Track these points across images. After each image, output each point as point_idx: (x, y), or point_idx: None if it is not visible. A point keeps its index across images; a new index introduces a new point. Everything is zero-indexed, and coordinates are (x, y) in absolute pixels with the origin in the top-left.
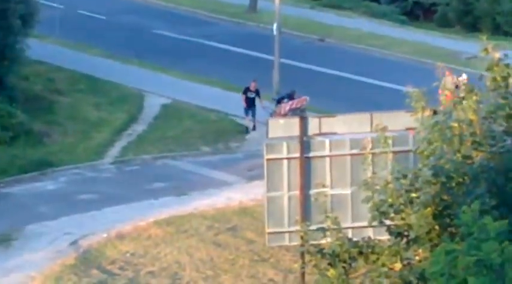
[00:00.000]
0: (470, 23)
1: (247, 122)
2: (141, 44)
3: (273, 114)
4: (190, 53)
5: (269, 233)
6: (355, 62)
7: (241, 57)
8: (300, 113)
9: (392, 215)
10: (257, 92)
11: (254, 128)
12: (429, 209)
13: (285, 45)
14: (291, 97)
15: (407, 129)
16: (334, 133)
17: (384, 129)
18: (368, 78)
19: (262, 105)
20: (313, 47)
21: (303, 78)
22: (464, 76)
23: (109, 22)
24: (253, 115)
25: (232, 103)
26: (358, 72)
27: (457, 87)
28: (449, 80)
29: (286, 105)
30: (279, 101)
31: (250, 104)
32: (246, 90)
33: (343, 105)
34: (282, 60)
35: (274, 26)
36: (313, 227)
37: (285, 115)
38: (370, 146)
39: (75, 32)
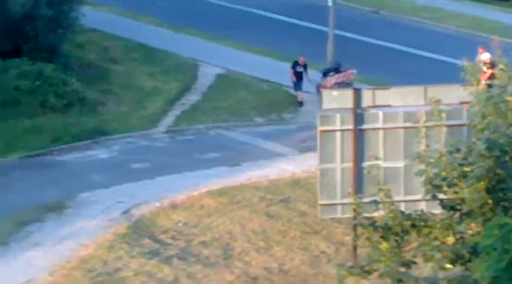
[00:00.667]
0: None
1: (299, 96)
2: (195, 13)
3: (318, 87)
4: (244, 23)
5: (321, 205)
6: (410, 34)
7: (296, 28)
8: (346, 87)
9: (445, 189)
10: (305, 66)
11: (302, 101)
12: (482, 183)
13: (340, 17)
14: (337, 70)
15: (462, 102)
16: (388, 106)
17: (438, 102)
18: (422, 51)
19: (308, 78)
20: (368, 19)
21: (357, 50)
22: (486, 55)
23: None
24: (300, 89)
25: (286, 74)
26: (413, 45)
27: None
28: (485, 56)
29: (333, 79)
30: (325, 74)
31: (298, 78)
32: (295, 64)
33: (397, 77)
34: (336, 31)
35: None
36: (366, 199)
37: (330, 88)
38: (423, 119)
39: (129, 0)
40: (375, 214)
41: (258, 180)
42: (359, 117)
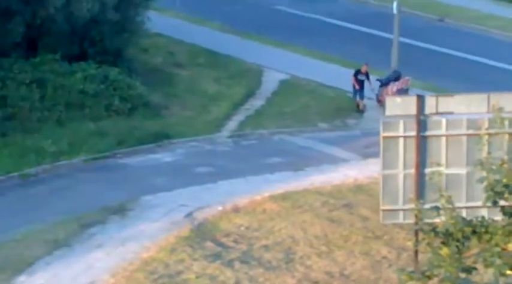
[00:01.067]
0: None
1: (361, 104)
2: (261, 19)
3: (377, 97)
4: (309, 30)
5: (383, 210)
6: (474, 43)
7: (360, 35)
8: (405, 93)
9: (506, 195)
10: (367, 75)
11: (363, 110)
12: None
13: (405, 24)
14: (397, 80)
15: None
16: (451, 113)
17: (501, 109)
18: (486, 59)
19: (371, 87)
20: (432, 27)
21: (421, 57)
22: None
23: None
24: (362, 98)
25: (350, 80)
26: (477, 53)
27: None
28: None
29: (393, 86)
30: (386, 83)
31: (360, 86)
32: (357, 73)
33: (461, 85)
34: (401, 39)
35: (395, 5)
36: (428, 206)
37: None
38: (485, 126)
39: (195, 5)
40: (436, 220)
41: (320, 184)
42: (422, 123)
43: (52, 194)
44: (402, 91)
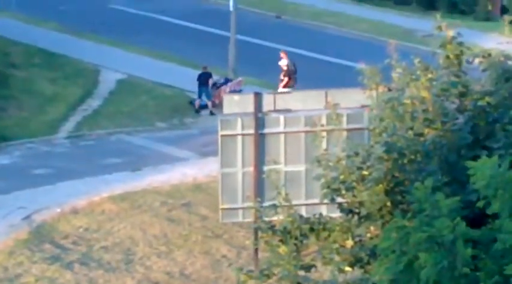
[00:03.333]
0: (427, 1)
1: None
2: (97, 19)
3: (212, 98)
4: (146, 28)
5: (223, 209)
6: (311, 39)
7: (198, 33)
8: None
9: (343, 192)
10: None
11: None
12: (381, 186)
13: (241, 22)
14: (227, 81)
15: (363, 106)
16: (289, 110)
17: (336, 105)
18: (324, 55)
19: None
20: (269, 24)
21: (258, 54)
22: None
23: None
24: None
25: (188, 79)
26: (314, 49)
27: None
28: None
29: (226, 88)
30: (215, 86)
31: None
32: (205, 75)
33: (299, 82)
34: (238, 36)
35: (231, 2)
36: (267, 203)
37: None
38: (321, 122)
39: (31, 6)
40: (275, 218)
41: (159, 184)
42: (260, 121)
43: None
44: (235, 93)
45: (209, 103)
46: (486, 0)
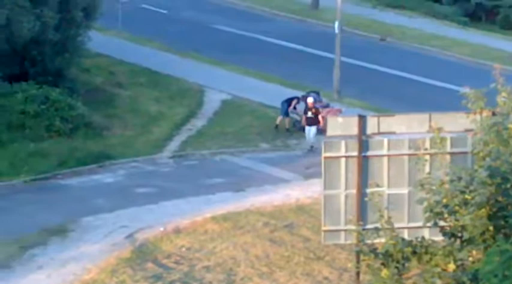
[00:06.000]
0: None
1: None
2: (201, 39)
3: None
4: (250, 49)
5: (325, 231)
6: (417, 62)
7: (302, 55)
8: None
9: (446, 216)
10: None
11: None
12: (484, 210)
13: (346, 44)
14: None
15: (467, 130)
16: (393, 133)
17: (440, 129)
18: (428, 79)
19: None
20: (374, 46)
21: (362, 77)
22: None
23: (170, 16)
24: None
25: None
26: (419, 72)
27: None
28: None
29: (323, 112)
30: (287, 101)
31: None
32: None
33: (403, 104)
34: (343, 58)
35: (336, 24)
36: (369, 226)
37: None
38: (425, 146)
39: (136, 25)
40: (377, 241)
41: (262, 205)
42: (364, 143)
43: None
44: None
45: (279, 118)
46: None
